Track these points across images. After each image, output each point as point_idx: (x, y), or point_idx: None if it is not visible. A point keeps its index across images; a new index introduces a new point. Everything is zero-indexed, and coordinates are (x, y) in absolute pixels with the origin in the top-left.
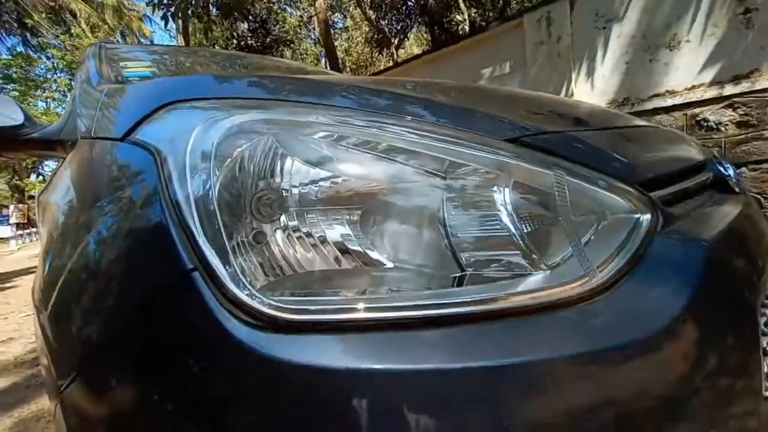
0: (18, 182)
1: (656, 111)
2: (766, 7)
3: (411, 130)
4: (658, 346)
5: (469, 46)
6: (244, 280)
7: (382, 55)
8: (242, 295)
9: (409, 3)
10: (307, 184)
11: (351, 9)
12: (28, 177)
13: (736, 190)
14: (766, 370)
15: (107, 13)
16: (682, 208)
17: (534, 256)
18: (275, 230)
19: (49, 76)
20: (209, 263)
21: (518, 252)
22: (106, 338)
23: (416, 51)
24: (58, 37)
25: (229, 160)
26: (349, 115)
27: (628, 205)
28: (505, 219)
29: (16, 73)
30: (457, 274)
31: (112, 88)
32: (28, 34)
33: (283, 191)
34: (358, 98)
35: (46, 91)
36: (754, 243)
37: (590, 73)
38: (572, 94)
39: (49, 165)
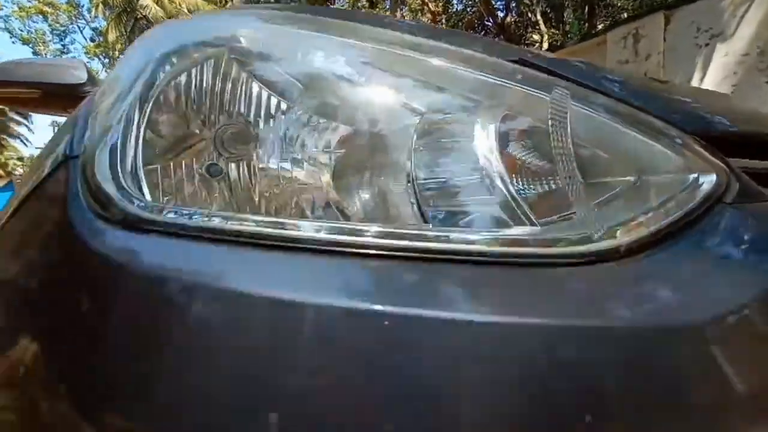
0: None
1: None
2: None
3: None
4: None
5: None
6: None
7: None
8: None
9: (487, 23)
10: (271, 117)
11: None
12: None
13: None
14: None
15: None
16: None
17: (526, 208)
18: (230, 164)
19: None
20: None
21: (503, 203)
22: None
23: None
24: None
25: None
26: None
27: (681, 160)
28: (490, 163)
29: None
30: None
31: None
32: None
33: (248, 124)
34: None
35: None
36: None
37: None
38: None
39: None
